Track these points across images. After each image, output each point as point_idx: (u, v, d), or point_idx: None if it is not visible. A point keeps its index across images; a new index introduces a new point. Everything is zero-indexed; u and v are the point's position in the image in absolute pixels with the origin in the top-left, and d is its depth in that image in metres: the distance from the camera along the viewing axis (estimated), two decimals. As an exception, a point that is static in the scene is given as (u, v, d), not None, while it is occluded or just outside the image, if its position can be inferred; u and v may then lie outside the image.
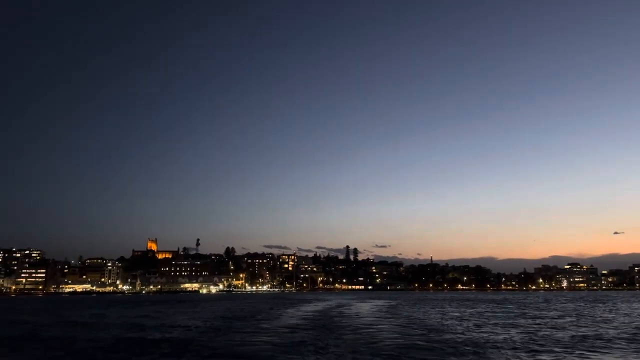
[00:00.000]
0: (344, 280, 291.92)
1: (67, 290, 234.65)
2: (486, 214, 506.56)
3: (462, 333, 31.64)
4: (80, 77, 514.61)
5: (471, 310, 61.64)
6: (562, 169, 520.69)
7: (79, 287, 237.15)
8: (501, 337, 29.36)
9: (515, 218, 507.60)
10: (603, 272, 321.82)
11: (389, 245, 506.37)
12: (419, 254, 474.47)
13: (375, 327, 36.53)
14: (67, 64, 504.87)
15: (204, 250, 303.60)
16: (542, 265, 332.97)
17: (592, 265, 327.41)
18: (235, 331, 33.67)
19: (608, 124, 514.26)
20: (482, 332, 32.49)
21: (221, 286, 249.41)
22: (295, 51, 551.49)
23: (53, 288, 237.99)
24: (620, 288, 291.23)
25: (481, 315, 50.07)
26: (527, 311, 58.96)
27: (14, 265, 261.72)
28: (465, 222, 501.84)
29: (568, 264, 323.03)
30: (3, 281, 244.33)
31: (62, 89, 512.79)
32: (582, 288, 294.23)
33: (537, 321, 41.92)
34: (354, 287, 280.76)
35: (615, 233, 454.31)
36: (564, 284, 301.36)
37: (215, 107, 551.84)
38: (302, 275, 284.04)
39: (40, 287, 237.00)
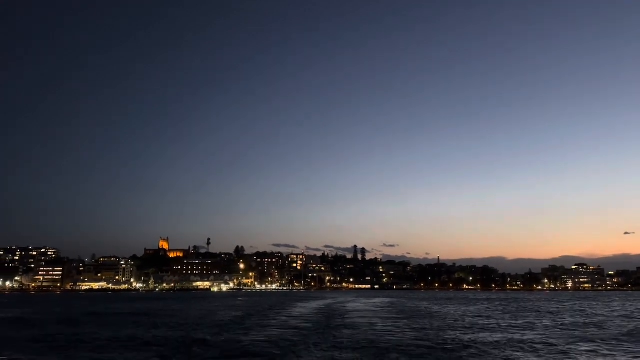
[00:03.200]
0: (352, 280, 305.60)
1: (84, 287, 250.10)
2: (496, 214, 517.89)
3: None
4: (87, 76, 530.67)
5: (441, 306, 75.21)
6: (573, 168, 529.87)
7: (95, 285, 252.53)
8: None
9: (526, 218, 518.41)
10: (610, 272, 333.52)
11: (397, 245, 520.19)
12: (427, 254, 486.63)
13: (364, 314, 50.27)
14: (72, 62, 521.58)
15: (212, 248, 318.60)
16: (549, 266, 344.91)
17: (599, 266, 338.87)
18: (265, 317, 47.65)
19: (619, 123, 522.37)
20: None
21: (232, 285, 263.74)
22: (302, 48, 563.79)
23: (70, 285, 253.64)
24: (625, 289, 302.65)
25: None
26: (481, 308, 72.42)
27: (31, 263, 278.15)
28: (474, 222, 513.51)
29: (575, 265, 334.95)
30: (22, 279, 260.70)
31: (71, 88, 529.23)
32: (587, 288, 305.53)
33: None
34: (361, 286, 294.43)
35: (626, 233, 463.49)
36: (569, 284, 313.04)
37: (223, 106, 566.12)
38: (310, 275, 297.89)
39: (58, 284, 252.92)
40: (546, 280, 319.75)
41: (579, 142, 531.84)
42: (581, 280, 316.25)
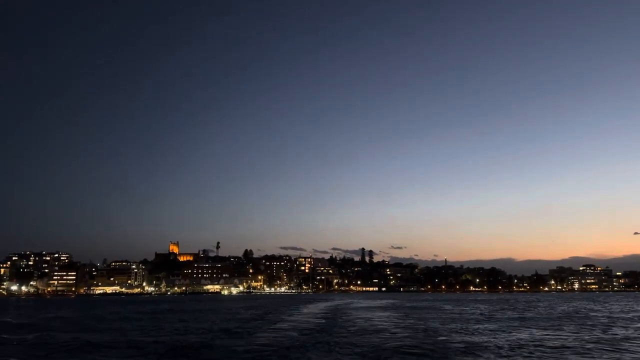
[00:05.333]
0: (359, 282, 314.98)
1: (98, 291, 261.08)
2: (505, 215, 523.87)
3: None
4: (92, 80, 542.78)
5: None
6: (582, 169, 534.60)
7: (108, 289, 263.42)
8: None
9: (535, 219, 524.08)
10: (617, 273, 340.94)
11: (405, 247, 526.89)
12: (435, 256, 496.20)
13: (365, 314, 59.64)
14: (77, 65, 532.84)
15: (221, 252, 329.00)
16: (557, 267, 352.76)
17: (607, 267, 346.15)
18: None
19: (629, 123, 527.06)
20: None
21: (241, 288, 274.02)
22: (309, 51, 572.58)
23: (84, 290, 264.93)
24: (631, 289, 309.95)
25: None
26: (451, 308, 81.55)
27: (45, 268, 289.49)
28: (483, 224, 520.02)
29: (583, 266, 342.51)
30: (37, 283, 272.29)
31: (76, 92, 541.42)
32: (593, 289, 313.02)
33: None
34: (368, 288, 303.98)
35: (636, 233, 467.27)
36: (576, 285, 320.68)
37: (231, 109, 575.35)
38: (318, 277, 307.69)
39: (73, 288, 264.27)
40: (553, 282, 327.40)
41: (587, 142, 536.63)
42: (588, 281, 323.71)
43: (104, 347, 29.56)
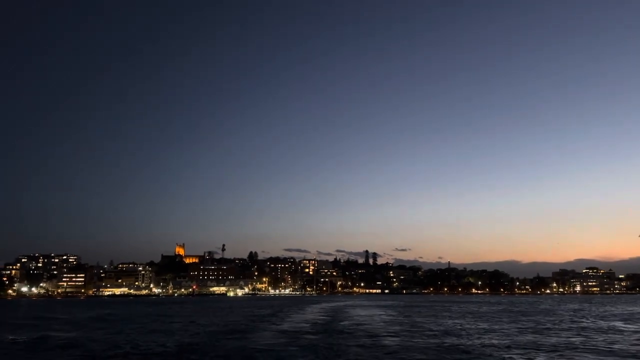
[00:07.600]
0: (362, 284, 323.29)
1: (107, 293, 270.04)
2: (510, 217, 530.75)
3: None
4: (99, 84, 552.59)
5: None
6: (587, 171, 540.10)
7: (117, 291, 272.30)
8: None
9: (540, 221, 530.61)
10: (620, 276, 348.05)
11: (410, 249, 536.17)
12: (440, 258, 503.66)
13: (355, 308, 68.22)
14: (87, 69, 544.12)
15: (226, 254, 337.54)
16: (560, 270, 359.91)
17: (610, 269, 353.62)
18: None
19: (635, 126, 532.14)
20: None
21: (246, 290, 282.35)
22: (313, 55, 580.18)
23: (92, 291, 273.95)
24: (633, 292, 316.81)
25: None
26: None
27: (54, 270, 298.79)
28: (488, 226, 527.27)
29: (585, 268, 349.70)
30: (47, 285, 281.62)
31: (83, 96, 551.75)
32: (595, 292, 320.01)
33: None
34: (371, 290, 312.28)
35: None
36: (577, 288, 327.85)
37: (236, 112, 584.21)
38: (322, 280, 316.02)
39: (82, 290, 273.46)
40: (555, 284, 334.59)
41: (593, 144, 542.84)
42: (590, 283, 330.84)
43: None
